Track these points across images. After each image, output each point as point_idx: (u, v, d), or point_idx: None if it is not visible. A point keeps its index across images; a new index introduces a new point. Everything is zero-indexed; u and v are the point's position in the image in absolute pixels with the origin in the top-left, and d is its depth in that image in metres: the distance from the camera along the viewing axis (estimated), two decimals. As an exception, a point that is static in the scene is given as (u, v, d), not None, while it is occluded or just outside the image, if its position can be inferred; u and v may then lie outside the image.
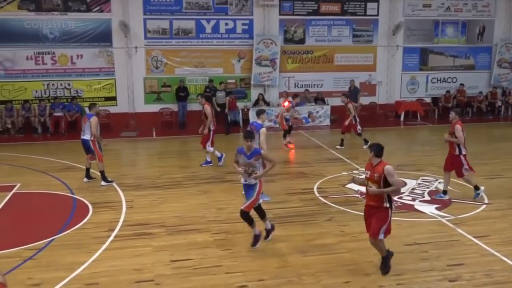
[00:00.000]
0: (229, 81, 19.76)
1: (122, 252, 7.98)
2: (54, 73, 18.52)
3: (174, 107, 19.21)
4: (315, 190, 11.16)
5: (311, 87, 20.47)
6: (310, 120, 19.54)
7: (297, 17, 19.99)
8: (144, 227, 9.01)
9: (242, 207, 7.97)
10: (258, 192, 8.05)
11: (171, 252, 7.97)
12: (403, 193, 10.71)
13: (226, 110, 18.55)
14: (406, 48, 21.25)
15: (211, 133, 12.88)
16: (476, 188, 10.33)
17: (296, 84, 20.44)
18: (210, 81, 19.25)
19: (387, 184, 6.78)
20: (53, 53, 18.37)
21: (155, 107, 19.30)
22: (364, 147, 14.84)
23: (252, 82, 19.88)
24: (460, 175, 10.22)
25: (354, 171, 12.57)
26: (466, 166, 10.10)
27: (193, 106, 19.07)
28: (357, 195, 10.72)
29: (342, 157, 14.28)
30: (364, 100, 20.60)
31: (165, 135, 17.82)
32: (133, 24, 18.56)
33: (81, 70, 18.69)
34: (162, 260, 7.66)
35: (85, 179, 11.76)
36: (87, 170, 11.85)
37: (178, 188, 11.40)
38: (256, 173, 7.89)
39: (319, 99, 20.09)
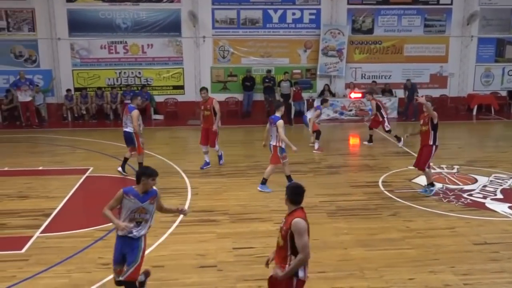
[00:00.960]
0: (294, 71, 19.69)
1: (186, 237, 8.19)
2: (126, 62, 19.18)
3: (239, 96, 19.39)
4: (380, 183, 10.94)
5: (379, 78, 20.00)
6: (376, 112, 19.08)
7: (366, 6, 19.54)
8: (208, 213, 9.20)
9: (122, 278, 5.84)
10: (144, 251, 5.96)
11: (233, 239, 8.09)
12: (473, 190, 10.30)
13: (291, 100, 18.51)
14: (481, 39, 20.24)
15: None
16: None
17: (363, 75, 20.05)
18: (268, 71, 19.25)
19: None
20: (125, 42, 19.00)
21: (221, 96, 19.51)
22: (399, 144, 14.47)
23: (318, 73, 19.70)
24: None
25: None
26: None
27: (258, 96, 19.18)
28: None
29: (409, 150, 13.89)
30: (435, 93, 19.89)
31: (230, 124, 18.06)
32: (202, 14, 18.84)
33: (151, 59, 19.24)
34: (225, 247, 7.80)
35: (119, 168, 11.46)
36: (125, 160, 11.48)
37: (242, 176, 11.53)
38: (147, 224, 5.92)
39: (387, 90, 19.60)
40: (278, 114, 10.25)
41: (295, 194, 5.18)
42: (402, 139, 14.50)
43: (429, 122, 9.92)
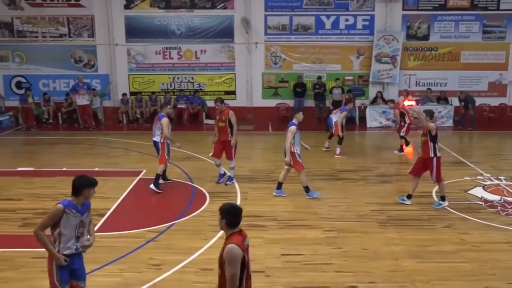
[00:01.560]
0: (346, 78, 19.49)
1: (235, 241, 8.22)
2: (180, 67, 19.56)
3: (290, 102, 19.37)
4: (433, 194, 10.63)
5: (434, 85, 19.49)
6: (431, 120, 18.58)
7: (422, 12, 19.12)
8: (257, 219, 9.22)
9: None
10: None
11: (282, 245, 8.07)
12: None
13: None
14: (545, 45, 19.37)
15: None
16: None
17: (418, 82, 19.59)
18: (319, 77, 19.13)
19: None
20: (179, 48, 19.40)
21: (272, 102, 19.60)
22: (395, 152, 14.50)
23: (370, 80, 19.42)
24: None
25: (478, 177, 11.79)
26: None
27: (309, 102, 19.08)
28: (481, 202, 10.05)
29: (465, 161, 13.45)
30: (493, 102, 19.20)
31: (280, 130, 18.00)
32: (254, 21, 18.98)
33: (204, 65, 19.54)
34: (273, 253, 7.79)
35: (161, 181, 11.07)
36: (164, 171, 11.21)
37: (291, 183, 11.48)
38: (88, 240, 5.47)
39: (442, 98, 19.05)
40: (295, 120, 10.36)
41: (231, 215, 4.56)
42: (403, 150, 14.48)
43: (428, 133, 9.59)
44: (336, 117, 14.40)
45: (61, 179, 11.55)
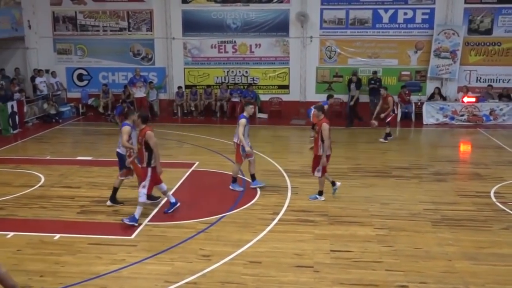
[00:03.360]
0: (403, 73, 19.02)
1: (284, 235, 8.26)
2: (234, 61, 19.70)
3: (344, 97, 19.11)
4: (491, 194, 10.24)
5: (496, 82, 18.69)
6: (491, 118, 17.88)
7: (485, 5, 18.33)
8: (307, 214, 9.20)
9: None
10: None
11: (331, 241, 8.02)
12: None
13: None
14: None
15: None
16: None
17: (479, 78, 18.83)
18: (374, 72, 18.74)
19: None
20: (234, 42, 19.53)
21: (325, 97, 19.39)
22: (380, 139, 15.01)
23: (428, 75, 18.84)
24: None
25: (541, 178, 11.25)
26: None
27: (364, 97, 18.75)
28: (543, 205, 9.59)
29: (527, 161, 12.86)
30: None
31: (333, 125, 17.82)
32: (310, 14, 18.82)
33: (258, 59, 19.59)
34: (322, 249, 7.76)
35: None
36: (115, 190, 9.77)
37: (343, 178, 11.35)
38: None
39: (504, 95, 18.25)
40: (245, 113, 10.33)
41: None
42: (388, 138, 15.06)
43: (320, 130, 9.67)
44: None
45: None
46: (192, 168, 12.20)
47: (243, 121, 10.25)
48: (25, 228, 8.64)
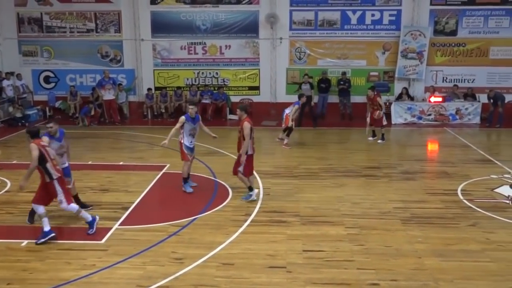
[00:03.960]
0: (371, 73, 19.30)
1: (257, 236, 8.26)
2: (204, 63, 19.64)
3: (314, 98, 19.24)
4: (458, 192, 10.47)
5: (461, 82, 19.15)
6: (457, 117, 18.30)
7: (450, 7, 18.77)
8: (279, 214, 9.22)
9: None
10: None
11: (303, 241, 8.06)
12: None
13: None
14: None
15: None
16: None
17: (445, 78, 19.26)
18: (344, 73, 18.97)
19: None
20: (204, 43, 19.47)
21: (295, 98, 19.44)
22: (369, 138, 15.35)
23: (396, 75, 19.18)
24: None
25: (506, 175, 11.56)
26: None
27: (333, 98, 18.95)
28: (508, 201, 9.85)
29: (491, 158, 13.20)
30: (522, 98, 18.79)
31: (303, 125, 17.98)
32: (279, 16, 18.91)
33: (228, 60, 19.58)
34: (294, 249, 7.79)
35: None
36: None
37: (314, 179, 11.45)
38: None
39: (469, 95, 18.71)
40: (188, 113, 10.47)
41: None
42: (375, 137, 15.32)
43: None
44: (289, 110, 14.87)
45: (87, 173, 11.75)
46: (163, 171, 12.10)
47: (181, 118, 10.35)
48: (-9, 235, 8.41)
